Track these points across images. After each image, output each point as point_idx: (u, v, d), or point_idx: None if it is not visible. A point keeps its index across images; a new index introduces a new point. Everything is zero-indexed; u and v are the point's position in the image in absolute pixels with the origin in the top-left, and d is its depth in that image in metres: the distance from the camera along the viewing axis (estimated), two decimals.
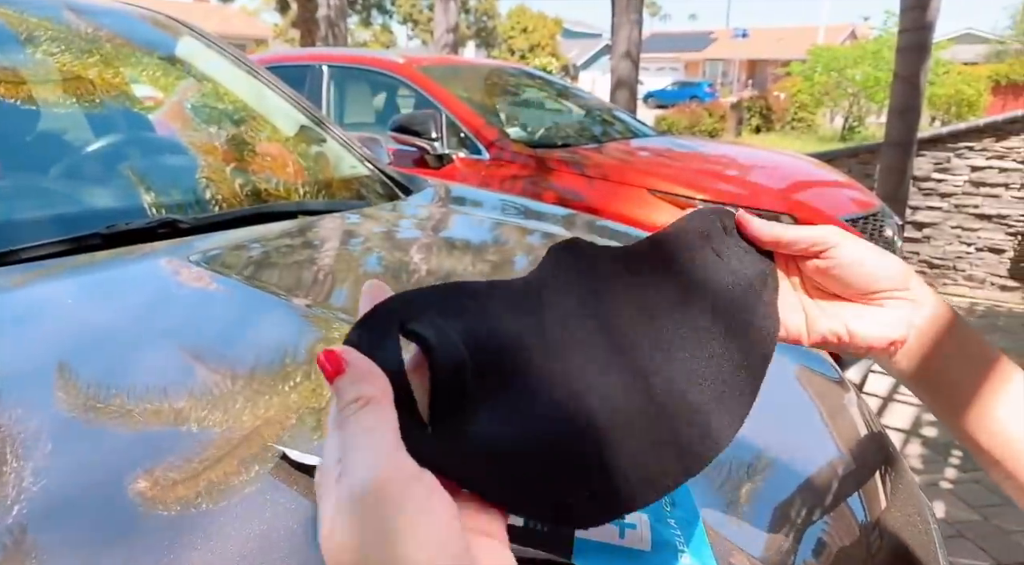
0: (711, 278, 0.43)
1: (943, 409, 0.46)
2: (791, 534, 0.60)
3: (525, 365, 0.35)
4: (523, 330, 0.36)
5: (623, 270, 0.42)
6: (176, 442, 0.53)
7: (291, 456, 0.51)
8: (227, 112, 1.54)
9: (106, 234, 0.96)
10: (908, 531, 0.66)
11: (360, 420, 0.28)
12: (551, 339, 0.37)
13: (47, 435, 0.53)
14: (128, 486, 0.48)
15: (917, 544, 0.65)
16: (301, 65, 3.84)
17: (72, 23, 1.37)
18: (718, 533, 0.53)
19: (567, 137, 3.52)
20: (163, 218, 1.04)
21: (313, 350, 0.73)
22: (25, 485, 0.47)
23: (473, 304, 0.35)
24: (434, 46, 8.57)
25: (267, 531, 0.45)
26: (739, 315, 0.43)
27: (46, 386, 0.60)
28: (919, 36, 4.07)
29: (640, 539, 0.47)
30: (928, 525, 0.70)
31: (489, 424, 0.32)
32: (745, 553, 0.54)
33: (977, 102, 14.18)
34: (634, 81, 6.35)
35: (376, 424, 0.28)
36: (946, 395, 0.45)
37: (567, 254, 0.41)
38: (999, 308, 4.32)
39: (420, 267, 1.06)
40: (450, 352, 0.32)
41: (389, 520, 0.25)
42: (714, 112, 16.09)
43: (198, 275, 0.90)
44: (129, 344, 0.70)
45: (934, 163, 4.65)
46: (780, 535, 0.59)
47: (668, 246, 0.44)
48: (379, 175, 1.57)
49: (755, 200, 2.62)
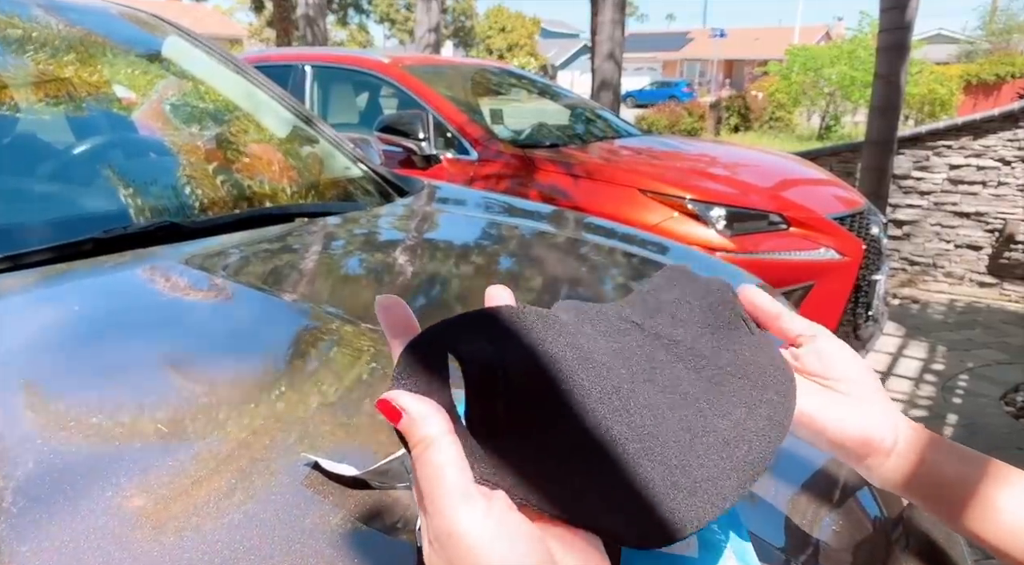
0: (738, 328, 0.47)
1: (943, 512, 0.46)
2: (810, 529, 0.60)
3: (583, 386, 0.36)
4: (583, 353, 0.37)
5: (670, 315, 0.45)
6: (189, 449, 0.52)
7: (324, 466, 0.49)
8: (222, 115, 1.51)
9: (103, 239, 0.94)
10: (934, 529, 0.66)
11: (428, 461, 0.31)
12: (606, 363, 0.38)
13: (40, 437, 0.51)
14: (139, 491, 0.46)
15: (944, 542, 0.65)
16: (284, 65, 3.79)
17: (60, 24, 1.33)
18: (755, 534, 0.53)
19: (554, 137, 3.52)
20: (160, 222, 1.02)
21: (324, 352, 0.71)
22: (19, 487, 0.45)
23: (521, 327, 0.36)
24: (415, 46, 8.52)
25: (305, 538, 0.44)
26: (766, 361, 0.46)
27: (48, 386, 0.58)
28: (898, 36, 4.13)
29: (687, 545, 0.46)
30: None
31: (552, 442, 0.34)
32: (780, 551, 0.54)
33: (950, 101, 14.44)
34: (617, 82, 6.36)
35: (443, 461, 0.30)
36: (945, 497, 0.45)
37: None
38: (978, 304, 4.39)
39: (425, 270, 1.05)
40: (490, 366, 0.34)
41: (471, 554, 0.28)
42: (693, 111, 16.20)
43: (196, 279, 0.88)
44: (131, 348, 0.68)
45: (913, 161, 4.72)
46: (799, 530, 0.59)
47: (697, 298, 0.46)
48: (374, 176, 1.55)
49: (744, 199, 2.64)
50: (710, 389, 0.41)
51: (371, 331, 0.74)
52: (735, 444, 0.39)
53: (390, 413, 0.32)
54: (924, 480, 0.45)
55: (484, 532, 0.29)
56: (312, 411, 0.59)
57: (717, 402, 0.40)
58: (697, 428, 0.38)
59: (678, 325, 0.43)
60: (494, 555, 0.28)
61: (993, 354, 3.48)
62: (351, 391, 0.63)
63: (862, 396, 0.46)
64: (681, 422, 0.38)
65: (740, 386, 0.42)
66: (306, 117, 1.64)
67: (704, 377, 0.42)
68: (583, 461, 0.34)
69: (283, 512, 0.47)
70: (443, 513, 0.29)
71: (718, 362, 0.43)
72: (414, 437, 0.31)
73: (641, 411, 0.37)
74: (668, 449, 0.37)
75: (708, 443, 0.38)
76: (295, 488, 0.49)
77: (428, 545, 0.30)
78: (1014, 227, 4.44)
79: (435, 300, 0.93)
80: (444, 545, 0.29)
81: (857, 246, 2.65)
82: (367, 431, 0.57)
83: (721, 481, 0.37)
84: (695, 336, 0.43)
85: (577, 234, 1.44)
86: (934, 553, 0.64)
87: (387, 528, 0.47)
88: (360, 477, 0.49)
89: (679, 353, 0.42)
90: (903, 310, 4.24)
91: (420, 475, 0.31)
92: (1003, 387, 3.05)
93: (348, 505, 0.48)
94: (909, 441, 0.45)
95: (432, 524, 0.30)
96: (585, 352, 0.37)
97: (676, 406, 0.39)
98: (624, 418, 0.36)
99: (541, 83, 4.41)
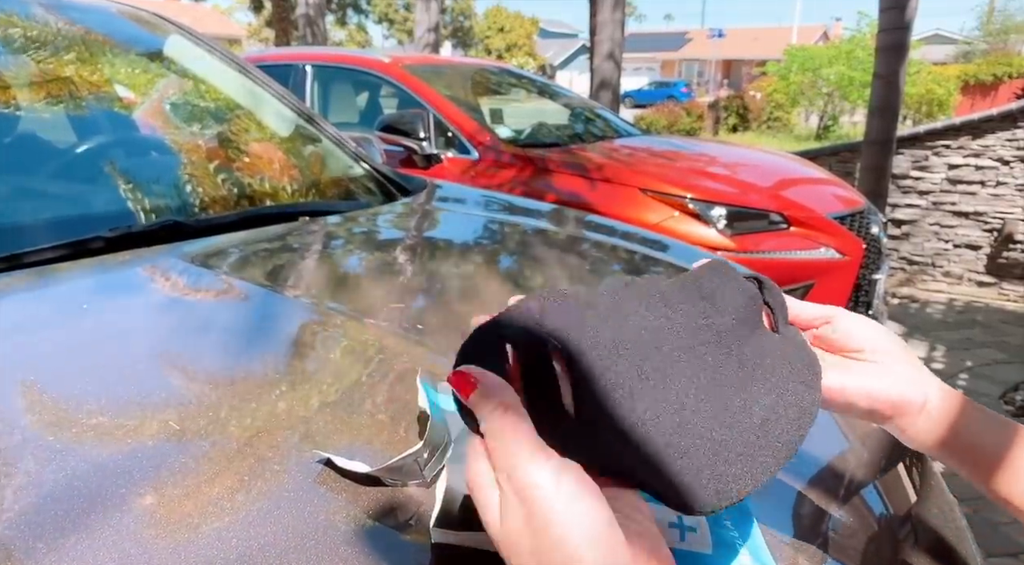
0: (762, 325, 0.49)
1: (974, 473, 0.47)
2: (817, 527, 0.60)
3: (626, 364, 0.39)
4: (627, 332, 0.41)
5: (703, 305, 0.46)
6: (195, 447, 0.52)
7: (336, 463, 0.49)
8: (223, 113, 1.51)
9: (109, 237, 0.93)
10: (943, 525, 0.66)
11: (507, 423, 0.33)
12: (648, 341, 0.41)
13: (47, 436, 0.51)
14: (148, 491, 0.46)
15: (953, 538, 0.65)
16: (284, 64, 3.79)
17: (60, 23, 1.33)
18: (765, 528, 0.53)
19: (556, 136, 3.52)
20: (164, 221, 1.02)
21: (330, 349, 0.71)
22: (26, 492, 0.45)
23: (572, 310, 0.40)
24: (414, 46, 8.52)
25: (318, 536, 0.44)
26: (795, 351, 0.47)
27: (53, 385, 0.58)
28: (897, 36, 4.13)
29: (701, 542, 0.46)
30: (960, 522, 0.70)
31: (599, 415, 0.37)
32: (792, 546, 0.54)
33: (947, 101, 14.45)
34: (617, 82, 6.35)
35: (518, 424, 0.33)
36: (976, 459, 0.46)
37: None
38: (977, 304, 4.40)
39: (428, 268, 1.05)
40: (541, 345, 0.38)
41: (549, 510, 0.31)
42: (692, 111, 16.21)
43: (201, 277, 0.88)
44: (137, 347, 0.68)
45: (912, 161, 4.73)
46: (807, 527, 0.59)
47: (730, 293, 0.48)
48: (376, 175, 1.55)
49: (745, 198, 2.64)
50: (744, 375, 0.43)
51: (375, 327, 0.74)
52: (769, 425, 0.41)
53: (462, 386, 0.35)
54: (955, 442, 0.46)
55: (560, 486, 0.32)
56: (322, 408, 0.59)
57: (750, 387, 0.42)
58: (734, 407, 0.41)
59: (716, 312, 0.45)
60: (570, 507, 0.31)
61: (992, 353, 3.48)
62: (360, 388, 0.63)
63: (889, 361, 0.48)
64: (719, 400, 0.41)
65: (770, 375, 0.43)
66: (308, 116, 1.64)
67: (738, 363, 0.43)
68: (621, 433, 0.37)
69: (296, 509, 0.46)
70: (524, 467, 0.32)
71: (751, 351, 0.45)
72: (489, 404, 0.34)
73: (681, 388, 0.40)
74: (707, 424, 0.39)
75: (744, 423, 0.40)
76: (307, 485, 0.49)
77: (502, 499, 0.33)
78: (1012, 227, 4.45)
79: (438, 297, 0.93)
80: (524, 498, 0.32)
81: (857, 245, 2.65)
82: (378, 428, 0.57)
83: (757, 458, 0.39)
84: (730, 325, 0.45)
85: (578, 232, 1.44)
86: (943, 550, 0.64)
87: (400, 525, 0.47)
88: (373, 474, 0.48)
89: (716, 338, 0.44)
90: (902, 309, 4.24)
91: (500, 435, 0.33)
92: (1002, 386, 3.06)
93: (361, 502, 0.48)
94: (940, 403, 0.47)
95: (513, 477, 0.32)
96: (629, 331, 0.41)
97: (714, 384, 0.41)
98: (664, 394, 0.39)
99: (540, 83, 4.40)
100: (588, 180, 2.80)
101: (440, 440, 0.51)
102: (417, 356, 0.69)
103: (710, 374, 0.41)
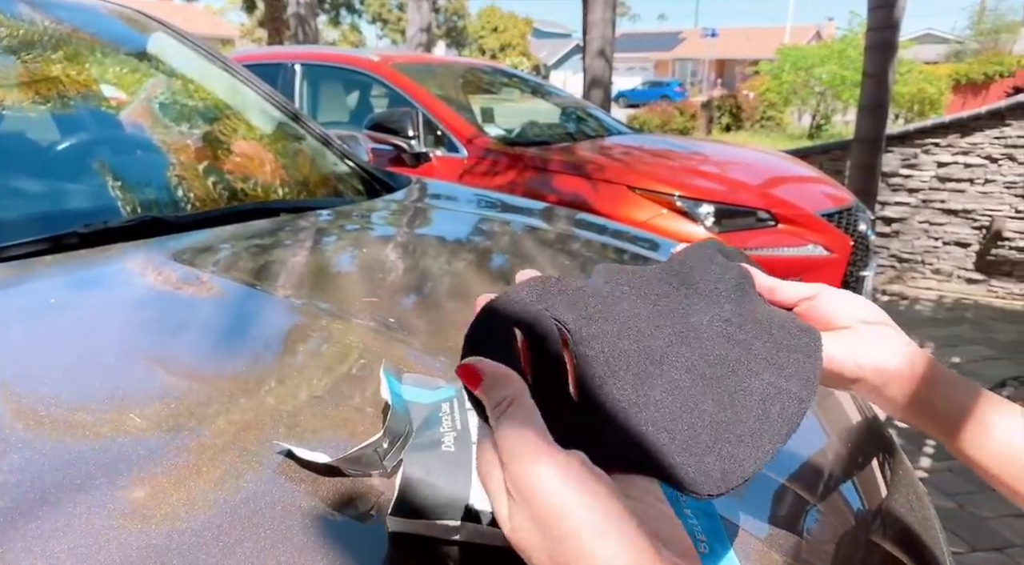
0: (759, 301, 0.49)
1: (943, 433, 0.47)
2: (792, 521, 0.60)
3: (625, 348, 0.40)
4: (624, 317, 0.42)
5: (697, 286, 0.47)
6: (171, 440, 0.51)
7: (297, 453, 0.49)
8: (207, 111, 1.50)
9: (84, 233, 0.93)
10: (911, 518, 0.67)
11: (512, 418, 0.33)
12: (645, 325, 0.42)
13: (23, 433, 0.51)
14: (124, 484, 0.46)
15: (921, 531, 0.65)
16: (273, 63, 3.78)
17: (45, 21, 1.33)
18: (728, 520, 0.53)
19: (545, 135, 3.52)
20: (142, 216, 1.01)
21: (311, 344, 0.71)
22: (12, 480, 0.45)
23: (572, 297, 0.41)
24: (407, 45, 8.51)
25: (279, 528, 0.44)
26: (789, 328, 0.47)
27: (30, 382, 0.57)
28: (886, 34, 4.15)
29: None
30: (929, 512, 0.71)
31: (600, 401, 0.38)
32: (757, 539, 0.54)
33: (939, 100, 14.52)
34: (608, 80, 6.37)
35: (523, 418, 0.33)
36: (944, 419, 0.47)
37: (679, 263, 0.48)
38: (966, 301, 4.42)
39: (412, 264, 1.05)
40: (549, 332, 0.38)
41: (554, 506, 0.30)
42: (685, 111, 16.25)
43: (181, 272, 0.87)
44: (119, 344, 0.67)
45: (902, 159, 4.75)
46: (782, 522, 0.59)
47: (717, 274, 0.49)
48: (360, 172, 1.54)
49: (733, 196, 2.65)
50: (740, 352, 0.43)
51: (358, 325, 0.74)
52: (770, 402, 0.40)
53: (470, 377, 0.35)
54: (924, 404, 0.47)
55: (567, 481, 0.31)
56: (290, 402, 0.59)
57: (748, 363, 0.42)
58: (734, 387, 0.41)
59: (706, 292, 0.46)
60: (578, 502, 0.30)
61: (980, 350, 3.50)
62: (330, 382, 0.63)
63: (875, 331, 0.48)
64: (719, 381, 0.41)
65: (767, 348, 0.43)
66: (291, 113, 1.64)
67: (734, 341, 0.43)
68: (628, 417, 0.38)
69: (254, 499, 0.46)
70: (529, 465, 0.31)
71: (745, 327, 0.45)
72: (496, 397, 0.34)
73: (680, 370, 0.40)
74: (709, 406, 0.39)
75: (745, 401, 0.40)
76: (267, 475, 0.49)
77: (508, 500, 0.32)
78: (1001, 224, 4.47)
79: (424, 294, 0.93)
80: (528, 498, 0.31)
81: (845, 242, 2.66)
82: (345, 421, 0.57)
83: (760, 436, 0.39)
84: (722, 303, 0.45)
85: (568, 230, 1.44)
86: (910, 540, 0.64)
87: (360, 515, 0.47)
88: (333, 464, 0.48)
89: (709, 317, 0.44)
90: (891, 306, 4.26)
91: (503, 433, 0.33)
92: (990, 382, 3.07)
93: (320, 492, 0.48)
94: (912, 364, 0.47)
95: (515, 477, 0.32)
96: (626, 315, 0.42)
97: (713, 365, 0.41)
98: (666, 377, 0.40)
99: (532, 82, 4.40)
100: (577, 178, 2.80)
101: (401, 430, 0.51)
102: (388, 350, 0.69)
103: (706, 355, 0.42)
